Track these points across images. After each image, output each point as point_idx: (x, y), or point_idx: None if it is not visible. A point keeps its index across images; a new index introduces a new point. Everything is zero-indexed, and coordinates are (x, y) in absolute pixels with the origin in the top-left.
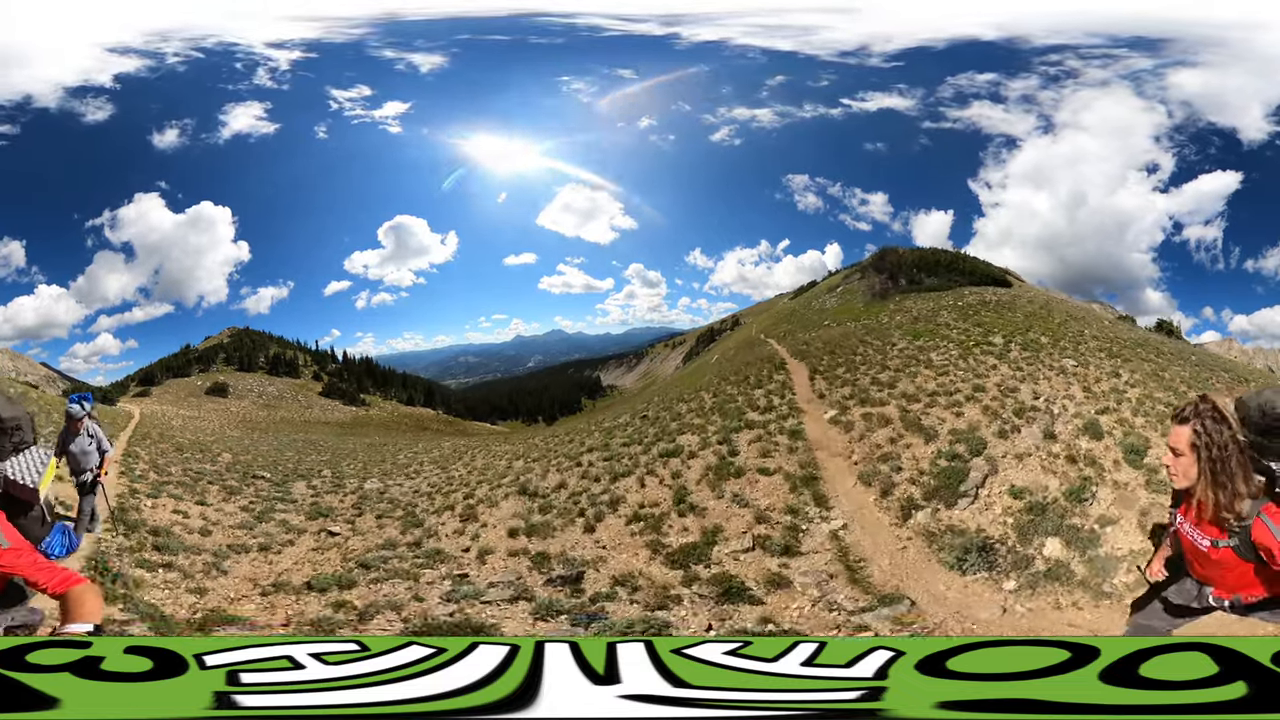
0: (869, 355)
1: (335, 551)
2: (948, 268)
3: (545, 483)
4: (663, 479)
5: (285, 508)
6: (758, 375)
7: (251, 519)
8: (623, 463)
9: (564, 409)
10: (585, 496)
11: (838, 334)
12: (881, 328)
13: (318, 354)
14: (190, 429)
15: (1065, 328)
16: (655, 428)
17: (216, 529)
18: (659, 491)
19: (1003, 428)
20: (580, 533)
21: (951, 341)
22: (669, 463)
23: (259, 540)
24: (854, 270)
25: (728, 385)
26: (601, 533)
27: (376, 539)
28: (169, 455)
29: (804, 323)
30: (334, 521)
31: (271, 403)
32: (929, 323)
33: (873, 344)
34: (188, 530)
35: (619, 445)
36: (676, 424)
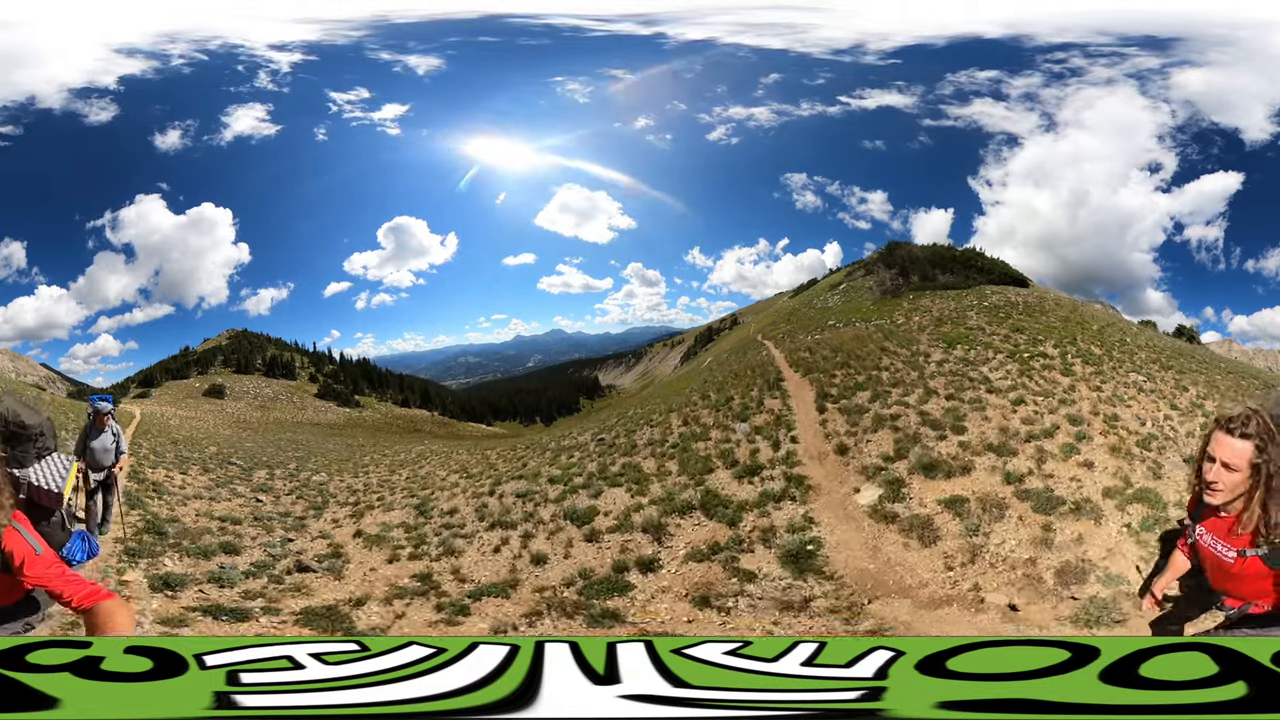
0: (899, 370)
1: (247, 509)
2: (965, 264)
3: (444, 505)
4: (524, 554)
5: (239, 484)
6: (744, 398)
7: (214, 485)
8: (520, 508)
9: (562, 409)
10: (447, 533)
11: (848, 337)
12: (902, 331)
13: (315, 355)
14: (186, 428)
15: (1106, 335)
16: (596, 463)
17: (189, 488)
18: (504, 566)
19: (1153, 469)
20: (391, 563)
21: (997, 350)
22: (562, 532)
23: (211, 495)
24: (857, 267)
25: (704, 407)
26: (402, 568)
27: (278, 509)
28: (165, 446)
29: (805, 323)
30: (264, 495)
31: (266, 404)
32: (958, 325)
33: (898, 353)
34: (172, 486)
35: (546, 478)
36: (619, 465)
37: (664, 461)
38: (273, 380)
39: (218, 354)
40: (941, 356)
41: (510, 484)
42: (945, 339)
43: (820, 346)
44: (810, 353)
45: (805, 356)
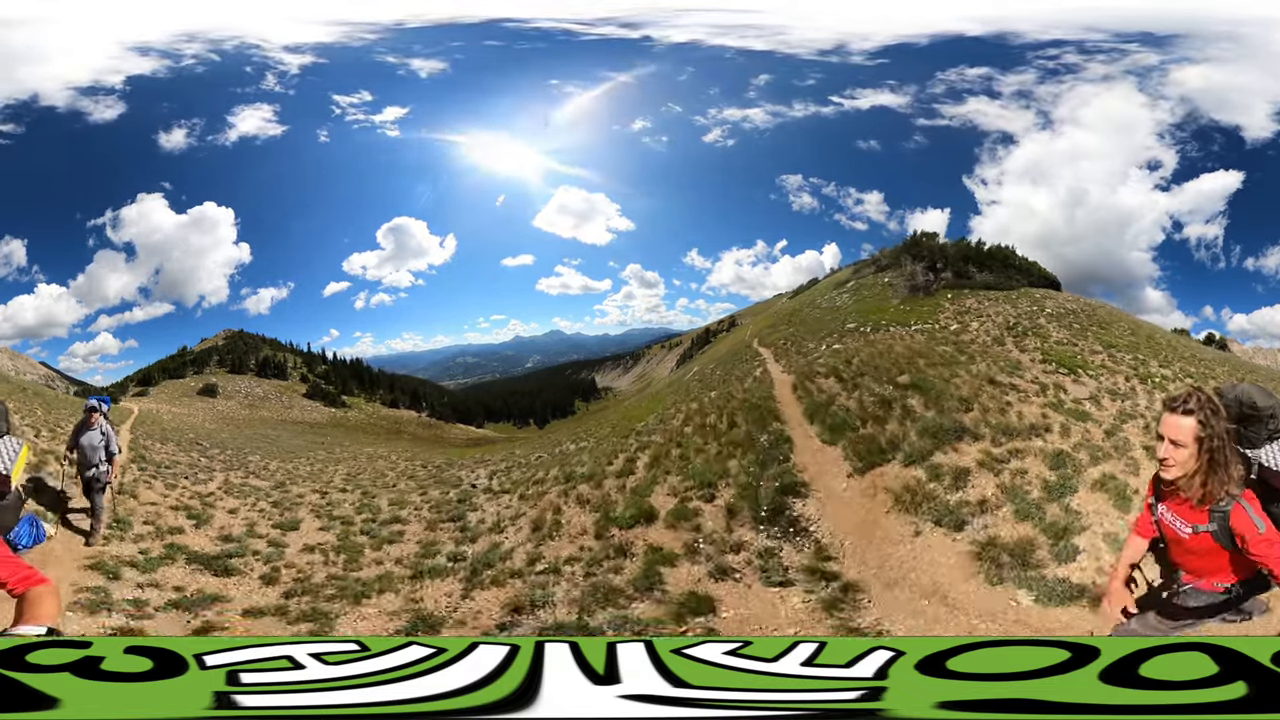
0: (1000, 407)
1: (186, 485)
2: (1003, 262)
3: (343, 511)
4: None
5: (206, 461)
6: (712, 469)
7: (182, 456)
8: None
9: (557, 412)
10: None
11: (886, 349)
12: (975, 344)
13: (308, 356)
14: (177, 423)
15: (1175, 349)
16: (526, 503)
17: (166, 456)
18: (271, 594)
19: None
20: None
21: (1110, 372)
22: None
23: (176, 462)
24: (865, 264)
25: (663, 464)
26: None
27: (198, 489)
28: (154, 435)
29: (813, 325)
30: (206, 475)
31: (256, 403)
32: (1043, 338)
33: (996, 379)
34: (156, 455)
35: (470, 503)
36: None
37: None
38: (264, 380)
39: (214, 354)
40: (1063, 382)
41: (347, 505)
42: (1053, 358)
43: (845, 364)
44: (836, 378)
45: (826, 391)
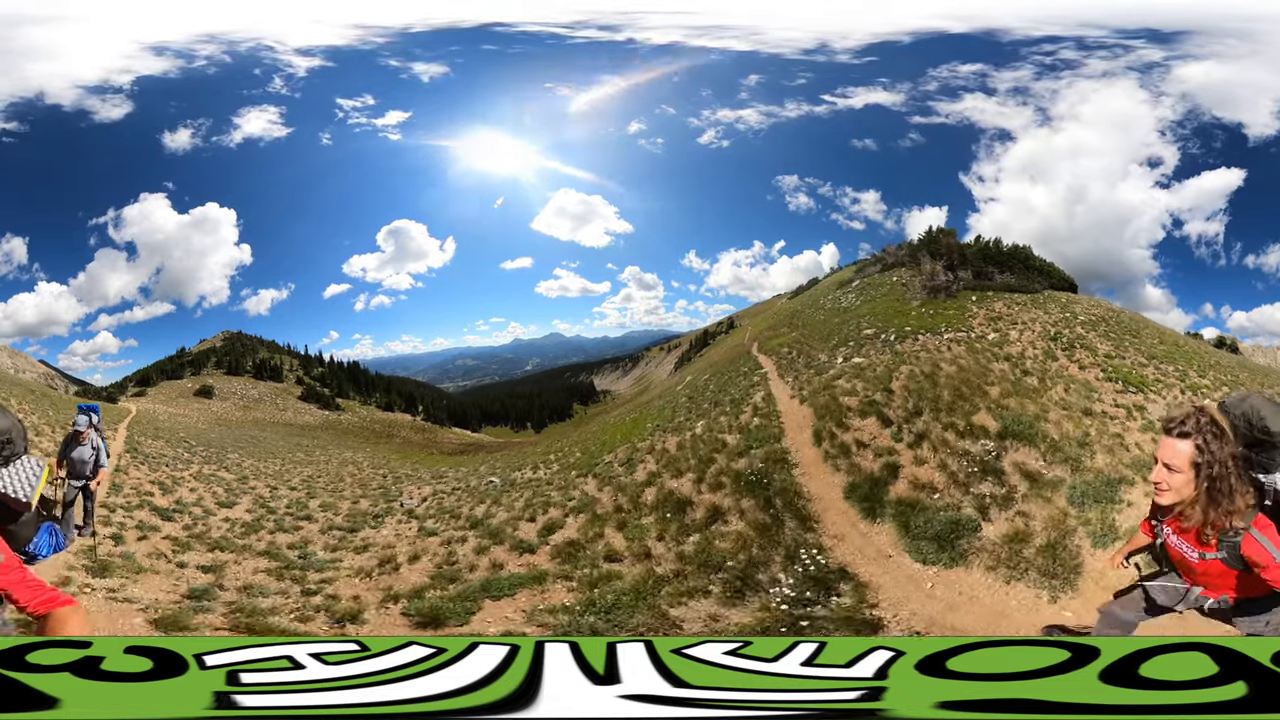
0: (1095, 449)
1: (166, 470)
2: (1024, 263)
3: (275, 505)
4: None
5: (188, 455)
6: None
7: (168, 451)
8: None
9: (555, 415)
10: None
11: (934, 369)
12: (1024, 356)
13: (305, 358)
14: (171, 423)
15: (1203, 357)
16: (478, 531)
17: (155, 450)
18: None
19: None
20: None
21: (1165, 386)
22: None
23: (163, 454)
24: (869, 262)
25: (584, 550)
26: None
27: (174, 473)
28: (148, 432)
29: (821, 329)
30: (184, 465)
31: (250, 405)
32: (1083, 349)
33: (1092, 413)
34: (146, 448)
35: (373, 521)
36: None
37: None
38: (260, 382)
39: (211, 355)
40: (1139, 401)
41: (282, 500)
42: (1118, 375)
43: (883, 391)
44: (878, 417)
45: (870, 444)
